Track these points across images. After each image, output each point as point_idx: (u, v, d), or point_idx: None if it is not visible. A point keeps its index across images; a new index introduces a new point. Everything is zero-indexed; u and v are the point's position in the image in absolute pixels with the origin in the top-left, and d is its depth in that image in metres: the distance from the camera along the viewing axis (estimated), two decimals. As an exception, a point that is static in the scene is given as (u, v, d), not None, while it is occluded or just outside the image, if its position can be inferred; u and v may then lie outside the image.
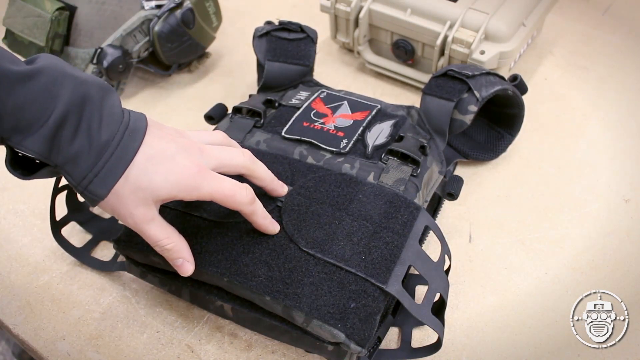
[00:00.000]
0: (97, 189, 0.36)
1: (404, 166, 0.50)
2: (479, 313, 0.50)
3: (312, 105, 0.57)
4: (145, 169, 0.37)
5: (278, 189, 0.47)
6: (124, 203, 0.37)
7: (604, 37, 0.77)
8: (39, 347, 0.48)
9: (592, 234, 0.55)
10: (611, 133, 0.65)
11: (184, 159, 0.39)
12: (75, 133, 0.35)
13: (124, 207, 0.37)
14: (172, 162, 0.38)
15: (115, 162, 0.36)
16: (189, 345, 0.48)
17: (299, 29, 0.63)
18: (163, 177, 0.38)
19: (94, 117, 0.36)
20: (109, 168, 0.36)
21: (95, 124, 0.36)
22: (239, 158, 0.43)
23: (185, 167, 0.38)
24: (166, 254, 0.40)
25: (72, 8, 0.65)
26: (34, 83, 0.34)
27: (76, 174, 0.36)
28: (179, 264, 0.41)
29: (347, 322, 0.40)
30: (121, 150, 0.36)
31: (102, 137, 0.36)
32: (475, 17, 0.62)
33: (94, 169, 0.36)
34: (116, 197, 0.37)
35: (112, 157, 0.36)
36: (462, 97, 0.54)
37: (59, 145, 0.35)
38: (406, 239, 0.44)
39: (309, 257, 0.43)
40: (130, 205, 0.37)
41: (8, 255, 0.55)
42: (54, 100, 0.35)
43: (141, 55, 0.68)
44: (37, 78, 0.34)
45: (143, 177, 0.37)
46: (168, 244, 0.40)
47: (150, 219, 0.39)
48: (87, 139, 0.36)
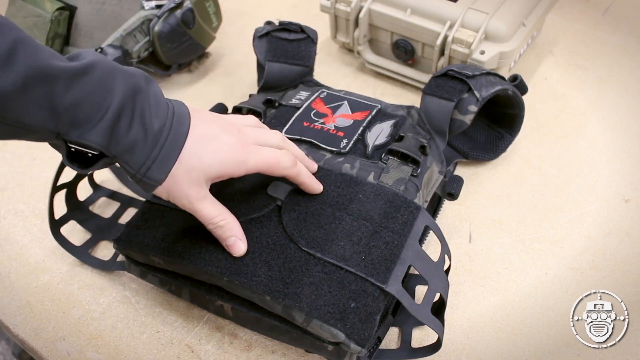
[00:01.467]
0: (155, 174, 0.38)
1: (404, 166, 0.50)
2: (479, 313, 0.50)
3: (312, 105, 0.57)
4: (195, 150, 0.39)
5: (310, 166, 0.48)
6: (178, 185, 0.39)
7: (604, 37, 0.77)
8: (39, 347, 0.48)
9: (592, 234, 0.55)
10: (611, 133, 0.65)
11: (227, 137, 0.41)
12: (130, 123, 0.37)
13: (179, 188, 0.39)
14: (218, 141, 0.40)
15: (169, 147, 0.38)
16: (189, 345, 0.48)
17: (299, 29, 0.63)
18: (212, 156, 0.40)
19: (146, 107, 0.38)
20: (165, 153, 0.38)
21: (147, 112, 0.37)
22: (273, 138, 0.45)
23: (230, 144, 0.41)
24: (219, 231, 0.42)
25: (72, 8, 0.65)
26: (89, 78, 0.35)
27: (134, 162, 0.38)
28: (231, 243, 0.42)
29: (347, 322, 0.40)
30: (173, 135, 0.38)
31: (155, 125, 0.38)
32: (475, 17, 0.62)
33: (151, 156, 0.38)
34: (172, 180, 0.39)
35: (166, 143, 0.38)
36: (462, 97, 0.54)
37: (117, 136, 0.37)
38: (406, 238, 0.44)
39: (309, 256, 0.43)
40: (184, 186, 0.39)
41: (8, 255, 0.55)
42: (110, 93, 0.36)
43: (141, 55, 0.68)
44: (91, 73, 0.35)
45: (194, 158, 0.39)
46: (221, 221, 0.42)
47: (203, 197, 0.41)
48: (142, 128, 0.37)
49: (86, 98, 0.35)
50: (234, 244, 0.43)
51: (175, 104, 0.41)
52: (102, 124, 0.36)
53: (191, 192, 0.40)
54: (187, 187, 0.40)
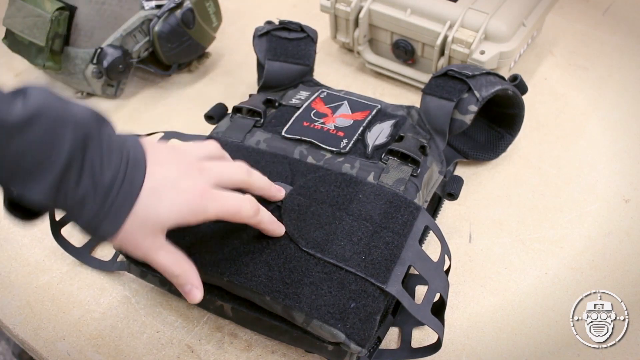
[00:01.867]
0: (106, 229, 0.35)
1: (404, 166, 0.50)
2: (479, 313, 0.50)
3: (312, 105, 0.57)
4: (150, 202, 0.36)
5: (276, 195, 0.46)
6: (131, 237, 0.36)
7: (604, 37, 0.77)
8: (39, 347, 0.48)
9: (592, 234, 0.55)
10: (611, 133, 0.65)
11: (186, 183, 0.38)
12: (79, 178, 0.33)
13: (132, 240, 0.37)
14: (176, 190, 0.37)
15: (122, 201, 0.35)
16: (189, 345, 0.48)
17: (299, 28, 0.63)
18: (168, 207, 0.37)
19: (96, 157, 0.34)
20: (117, 208, 0.35)
21: (97, 163, 0.34)
22: (237, 174, 0.42)
23: (189, 192, 0.38)
24: (174, 280, 0.40)
25: (72, 8, 0.64)
26: (33, 130, 0.31)
27: (84, 217, 0.35)
28: (187, 290, 0.40)
29: (347, 322, 0.40)
30: (126, 187, 0.35)
31: (106, 178, 0.34)
32: (475, 17, 0.62)
33: (101, 211, 0.34)
34: (124, 233, 0.36)
35: (118, 197, 0.35)
36: (462, 97, 0.54)
37: (64, 192, 0.33)
38: (406, 239, 0.44)
39: (309, 257, 0.43)
40: (138, 238, 0.37)
41: (8, 255, 0.55)
42: (56, 146, 0.32)
43: (141, 55, 0.68)
44: (36, 124, 0.31)
45: (149, 209, 0.36)
46: (176, 271, 0.39)
47: (159, 247, 0.38)
48: (91, 181, 0.34)
49: (29, 152, 0.31)
50: (190, 292, 0.40)
51: (131, 145, 0.37)
52: (46, 181, 0.32)
53: (145, 244, 0.37)
54: (141, 239, 0.37)
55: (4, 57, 0.75)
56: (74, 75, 0.67)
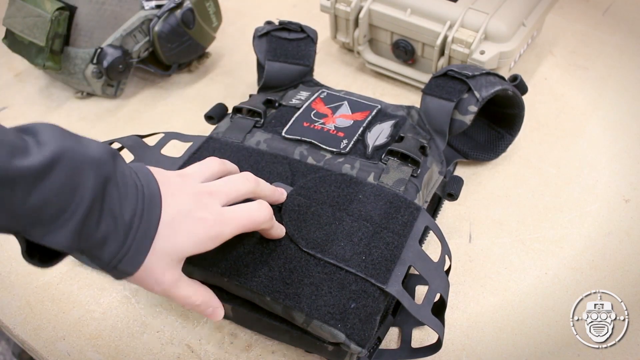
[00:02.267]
0: (127, 267, 0.35)
1: (404, 166, 0.50)
2: (479, 313, 0.50)
3: (313, 105, 0.57)
4: (168, 235, 0.36)
5: (280, 199, 0.46)
6: (151, 273, 0.36)
7: (604, 37, 0.77)
8: (39, 347, 0.48)
9: (592, 234, 0.55)
10: (611, 133, 0.65)
11: (200, 212, 0.38)
12: (100, 218, 0.33)
13: (152, 276, 0.36)
14: (191, 219, 0.37)
15: (141, 238, 0.35)
16: (189, 345, 0.48)
17: (299, 28, 0.63)
18: (186, 238, 0.37)
19: (115, 195, 0.34)
20: (137, 245, 0.35)
21: (116, 202, 0.34)
22: (245, 187, 0.42)
23: (205, 221, 0.38)
24: (197, 309, 0.40)
25: (72, 8, 0.64)
26: (54, 176, 0.30)
27: (105, 256, 0.34)
28: (209, 313, 0.40)
29: (347, 323, 0.40)
30: (145, 224, 0.35)
31: (126, 216, 0.34)
32: (475, 17, 0.62)
33: (122, 250, 0.34)
34: (144, 270, 0.36)
35: (138, 234, 0.35)
36: (462, 98, 0.54)
37: (86, 234, 0.33)
38: (406, 239, 0.44)
39: (310, 257, 0.43)
40: (157, 273, 0.36)
41: (8, 255, 0.55)
42: (79, 190, 0.31)
43: (141, 55, 0.68)
44: (56, 169, 0.30)
45: (168, 243, 0.36)
46: (197, 300, 0.39)
47: (177, 279, 0.38)
48: (112, 221, 0.33)
49: (51, 200, 0.30)
50: (213, 313, 0.41)
51: (143, 177, 0.37)
52: (69, 225, 0.31)
53: (165, 278, 0.37)
54: (161, 274, 0.36)
55: (4, 57, 0.75)
56: (74, 75, 0.67)
